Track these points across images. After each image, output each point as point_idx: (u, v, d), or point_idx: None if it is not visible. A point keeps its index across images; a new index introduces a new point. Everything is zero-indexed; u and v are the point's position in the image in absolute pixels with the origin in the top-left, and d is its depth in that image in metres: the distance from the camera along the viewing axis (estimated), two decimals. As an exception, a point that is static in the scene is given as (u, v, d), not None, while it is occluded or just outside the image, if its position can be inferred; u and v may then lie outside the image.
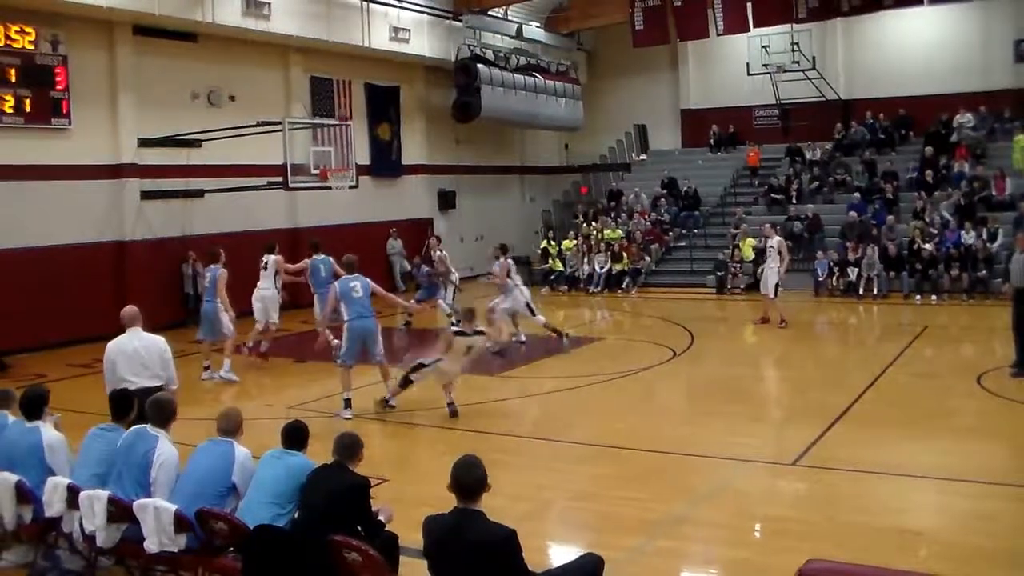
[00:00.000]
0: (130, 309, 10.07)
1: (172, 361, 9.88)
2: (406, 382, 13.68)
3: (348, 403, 13.76)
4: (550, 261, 30.47)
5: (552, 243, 30.98)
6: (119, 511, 7.14)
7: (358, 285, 13.93)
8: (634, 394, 15.37)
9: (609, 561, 6.47)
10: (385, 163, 30.57)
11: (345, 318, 13.87)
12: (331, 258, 18.52)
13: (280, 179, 22.62)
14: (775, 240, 21.45)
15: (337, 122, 26.65)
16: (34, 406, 8.26)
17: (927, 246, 25.15)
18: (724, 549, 8.63)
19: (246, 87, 25.44)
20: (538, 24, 34.63)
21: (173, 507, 6.95)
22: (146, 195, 23.00)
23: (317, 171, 23.18)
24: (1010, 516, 9.09)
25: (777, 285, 21.20)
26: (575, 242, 30.52)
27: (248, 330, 18.61)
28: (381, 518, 7.02)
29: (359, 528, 6.66)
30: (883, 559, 7.38)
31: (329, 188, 23.88)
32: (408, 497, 8.72)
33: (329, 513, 6.58)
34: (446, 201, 33.07)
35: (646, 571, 8.03)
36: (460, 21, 30.90)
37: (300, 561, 6.43)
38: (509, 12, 33.34)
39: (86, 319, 21.15)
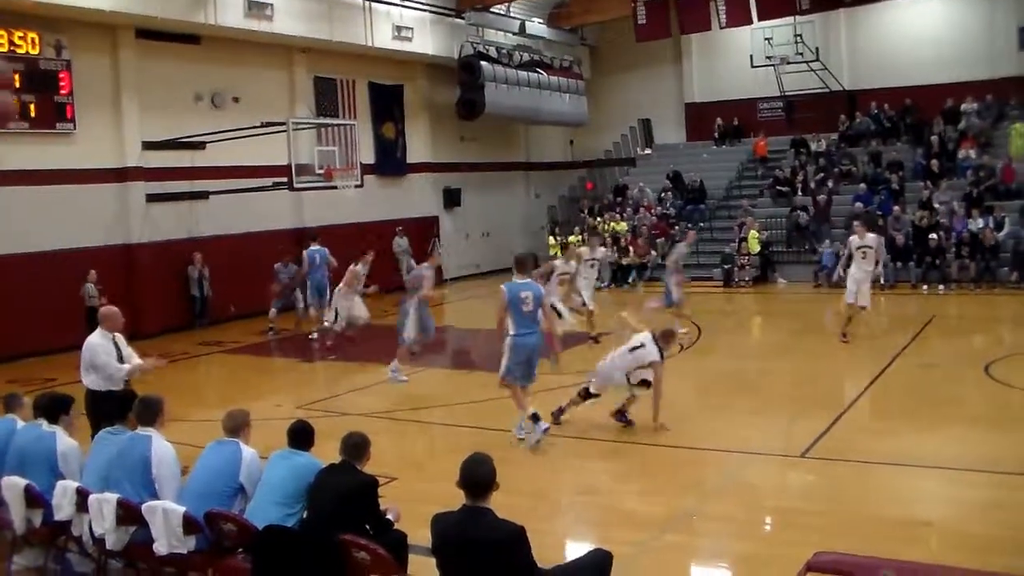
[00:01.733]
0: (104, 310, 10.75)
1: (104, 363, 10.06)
2: (587, 395, 12.71)
3: (536, 417, 11.82)
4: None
5: (558, 239, 30.94)
6: (128, 514, 7.15)
7: (530, 296, 11.80)
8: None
9: (618, 556, 6.48)
10: (390, 162, 30.57)
11: (510, 332, 11.89)
12: (326, 249, 21.70)
13: (285, 180, 22.64)
14: (870, 238, 18.30)
15: (341, 122, 26.67)
16: (53, 411, 8.30)
17: (934, 235, 25.09)
18: (733, 542, 8.64)
19: (250, 88, 25.44)
20: (541, 20, 34.59)
21: (182, 509, 6.97)
22: (151, 198, 23.01)
23: (322, 171, 23.21)
24: (1020, 505, 9.08)
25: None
26: (581, 237, 30.48)
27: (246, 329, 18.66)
28: (389, 517, 7.03)
29: (368, 527, 6.67)
30: (892, 550, 7.35)
31: (334, 188, 23.87)
32: (417, 495, 8.72)
33: (338, 513, 6.59)
34: (451, 199, 33.06)
35: (655, 565, 8.03)
36: (463, 19, 30.87)
37: (309, 561, 6.44)
38: (511, 9, 33.29)
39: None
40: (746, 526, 8.98)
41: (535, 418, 11.74)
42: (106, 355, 10.03)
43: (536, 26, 34.21)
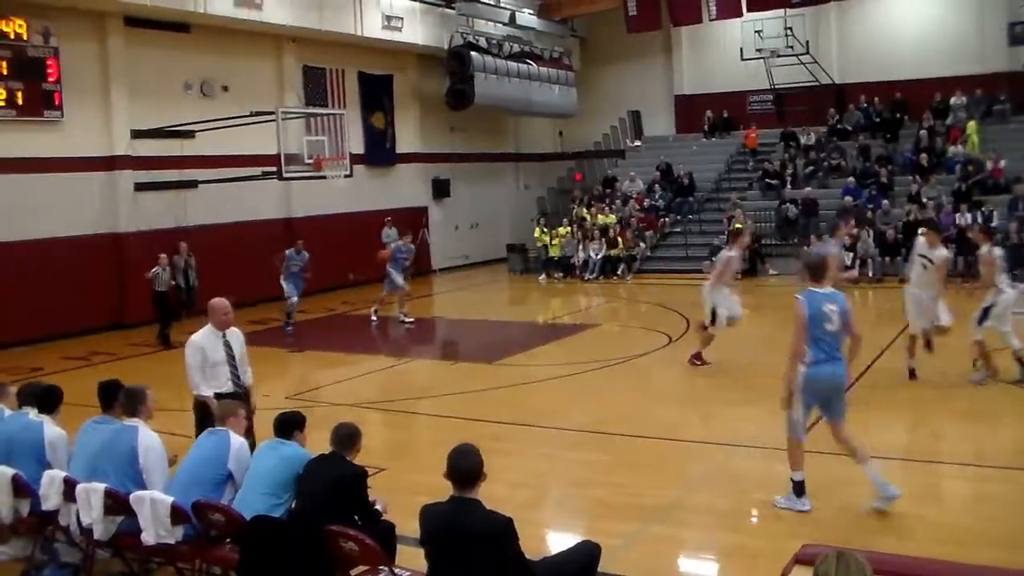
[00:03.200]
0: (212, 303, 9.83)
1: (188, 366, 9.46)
2: None
3: (801, 487, 9.03)
4: (547, 247, 30.39)
5: (546, 230, 30.93)
6: (116, 504, 7.14)
7: (835, 310, 9.05)
8: (630, 380, 15.40)
9: (606, 548, 6.50)
10: (379, 152, 30.53)
11: (807, 360, 9.06)
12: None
13: (274, 169, 22.60)
14: (940, 254, 14.33)
15: (331, 111, 26.61)
16: (44, 401, 8.29)
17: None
18: (720, 534, 8.65)
19: (239, 77, 25.38)
20: (531, 11, 34.55)
21: (170, 499, 6.96)
22: (140, 187, 22.95)
23: (311, 161, 23.15)
24: (1006, 498, 9.11)
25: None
26: (570, 229, 30.49)
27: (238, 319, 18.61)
28: (378, 508, 7.02)
29: (356, 518, 6.67)
30: (880, 543, 7.40)
31: (323, 177, 23.83)
32: (405, 486, 8.73)
33: (326, 503, 6.59)
34: (440, 189, 33.02)
35: (643, 557, 8.04)
36: (453, 9, 30.83)
37: (297, 551, 6.44)
38: (502, 0, 33.29)
39: (81, 312, 21.20)
40: (734, 518, 9.00)
41: (799, 488, 9.05)
42: (194, 360, 9.33)
43: (526, 17, 34.17)
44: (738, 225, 17.40)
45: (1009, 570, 6.28)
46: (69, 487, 7.43)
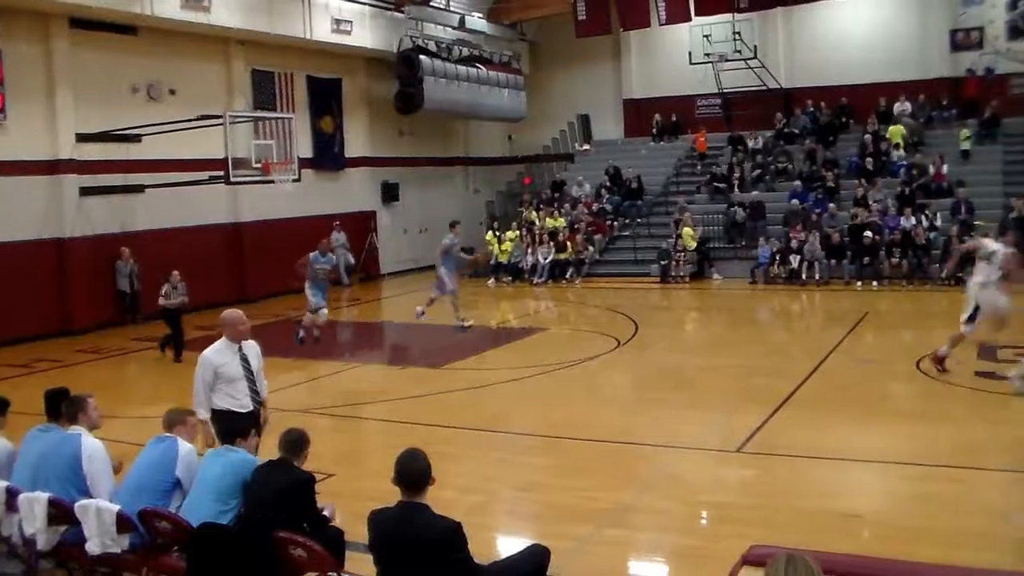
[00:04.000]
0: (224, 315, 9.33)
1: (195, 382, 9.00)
2: None
3: None
4: (495, 252, 30.37)
5: (496, 234, 30.93)
6: (60, 513, 7.05)
7: None
8: (580, 384, 15.41)
9: (556, 551, 6.49)
10: (328, 156, 30.38)
11: None
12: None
13: (222, 173, 22.40)
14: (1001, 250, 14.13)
15: (279, 115, 26.44)
16: None
17: (868, 233, 25.41)
18: (670, 536, 8.69)
19: (187, 81, 25.13)
20: (481, 15, 34.57)
21: (115, 507, 6.88)
22: (85, 191, 22.65)
23: (259, 165, 22.97)
24: (949, 498, 9.22)
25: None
26: (519, 233, 30.51)
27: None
28: (326, 513, 6.99)
29: (305, 524, 6.63)
30: (827, 543, 7.44)
31: (271, 182, 23.64)
32: (354, 492, 8.69)
33: (275, 509, 6.55)
34: (389, 193, 32.89)
35: (593, 560, 8.05)
36: (402, 12, 30.73)
37: (245, 558, 6.38)
38: (451, 3, 33.29)
39: (25, 318, 20.92)
40: (683, 520, 9.05)
41: None
42: (204, 378, 8.84)
43: (476, 21, 34.20)
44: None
45: (953, 567, 6.35)
46: (11, 496, 7.32)
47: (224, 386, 8.80)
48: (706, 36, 32.93)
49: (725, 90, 33.99)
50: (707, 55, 33.18)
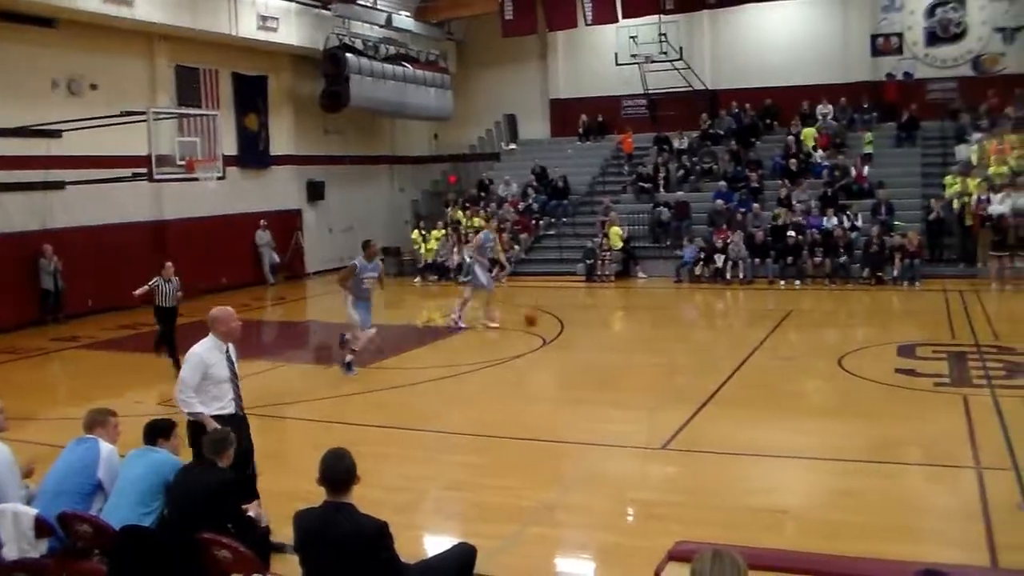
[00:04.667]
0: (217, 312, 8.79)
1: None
2: None
3: None
4: (422, 251, 30.29)
5: (422, 233, 30.83)
6: (-27, 520, 6.88)
7: None
8: (505, 383, 15.43)
9: (482, 550, 6.48)
10: (253, 154, 30.05)
11: None
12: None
13: (145, 170, 22.08)
14: None
15: (204, 112, 26.11)
16: None
17: (791, 233, 25.74)
18: (596, 534, 8.71)
19: (109, 76, 24.65)
20: (408, 13, 34.41)
21: (33, 511, 6.72)
22: (2, 187, 22.17)
23: (183, 162, 22.68)
24: (870, 492, 9.37)
25: None
26: (444, 232, 30.46)
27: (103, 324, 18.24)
28: (251, 514, 6.92)
29: (229, 525, 6.55)
30: (751, 538, 7.51)
31: (196, 179, 23.35)
32: (279, 492, 8.59)
33: (198, 511, 6.45)
34: (315, 192, 32.63)
35: (519, 559, 8.04)
36: (329, 10, 30.52)
37: (169, 561, 6.28)
38: (378, 1, 33.10)
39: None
40: (609, 517, 9.08)
41: None
42: (194, 377, 8.30)
43: (403, 19, 34.04)
44: None
45: (874, 560, 6.44)
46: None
47: (211, 388, 8.36)
48: (632, 37, 33.15)
49: (651, 91, 34.24)
50: (633, 56, 33.40)
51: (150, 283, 16.47)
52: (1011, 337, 17.36)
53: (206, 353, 8.35)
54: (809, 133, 30.55)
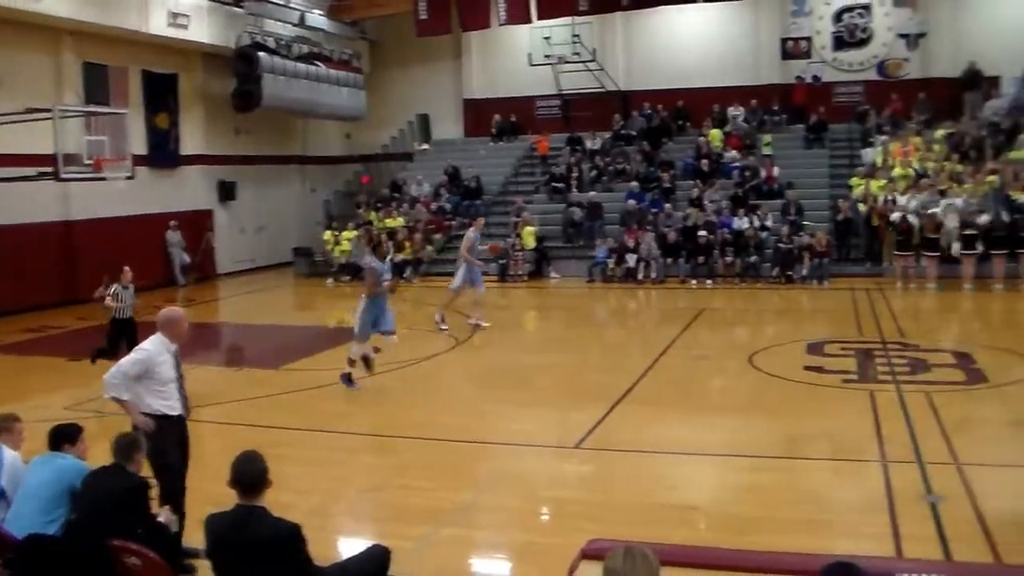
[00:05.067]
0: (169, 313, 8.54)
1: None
2: None
3: None
4: (335, 252, 30.07)
5: (334, 234, 30.62)
6: None
7: None
8: (418, 383, 15.37)
9: (397, 551, 6.47)
10: (163, 153, 29.58)
11: None
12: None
13: (51, 169, 21.59)
14: None
15: (112, 110, 25.64)
16: None
17: (703, 232, 26.05)
18: (511, 533, 8.73)
19: (13, 71, 24.01)
20: (321, 12, 34.13)
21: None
22: (-100, 186, 21.64)
23: (91, 161, 22.23)
24: (779, 487, 9.54)
25: None
26: (357, 232, 30.25)
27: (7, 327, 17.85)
28: (161, 520, 6.81)
29: (139, 531, 6.45)
30: (664, 534, 7.58)
31: (104, 179, 22.87)
32: (190, 496, 8.47)
33: (107, 517, 6.31)
34: (226, 192, 32.24)
35: (433, 559, 8.03)
36: (241, 8, 30.16)
37: (76, 569, 6.16)
38: (291, 0, 32.84)
39: None
40: (523, 517, 9.10)
41: None
42: (135, 370, 8.03)
43: (316, 18, 33.77)
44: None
45: (785, 553, 6.53)
46: None
47: (158, 387, 8.17)
48: (546, 38, 33.31)
49: (564, 91, 34.43)
50: (547, 57, 33.56)
51: (109, 291, 15.40)
52: (915, 334, 17.82)
53: (155, 351, 8.18)
54: (715, 135, 31.03)
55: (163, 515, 6.90)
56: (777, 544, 7.55)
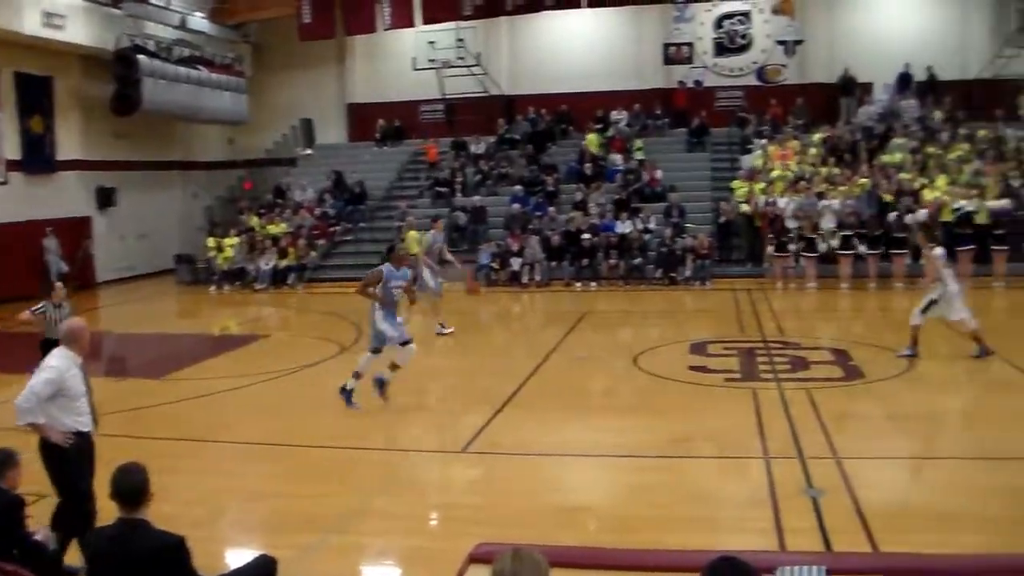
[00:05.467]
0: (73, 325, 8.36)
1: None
2: None
3: None
4: (217, 259, 29.61)
5: (217, 240, 30.17)
6: None
7: None
8: (304, 390, 15.19)
9: (283, 561, 6.42)
10: (38, 158, 28.80)
11: None
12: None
13: (-81, 174, 20.98)
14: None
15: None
16: None
17: (587, 235, 26.29)
18: (398, 539, 8.71)
19: None
20: (202, 15, 33.64)
21: None
22: None
23: (-38, 166, 21.65)
24: (665, 486, 9.69)
25: None
26: (240, 238, 29.87)
27: None
28: (38, 538, 6.64)
29: (14, 550, 6.29)
30: (554, 536, 7.64)
31: (-26, 184, 22.31)
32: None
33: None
34: (105, 198, 31.51)
35: (322, 568, 7.98)
36: (119, 9, 29.53)
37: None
38: (172, 2, 32.24)
39: None
40: (411, 522, 9.08)
41: None
42: (48, 391, 7.72)
43: (198, 21, 33.28)
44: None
45: (672, 551, 6.63)
46: None
47: (67, 402, 7.90)
48: (431, 43, 33.30)
49: (448, 96, 34.43)
50: (431, 61, 33.56)
51: (36, 308, 13.72)
52: (795, 333, 18.24)
53: (64, 367, 7.91)
54: (593, 139, 31.38)
55: (40, 533, 6.73)
56: (665, 542, 7.67)
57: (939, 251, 15.31)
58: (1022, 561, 5.39)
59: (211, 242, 30.29)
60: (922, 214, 23.63)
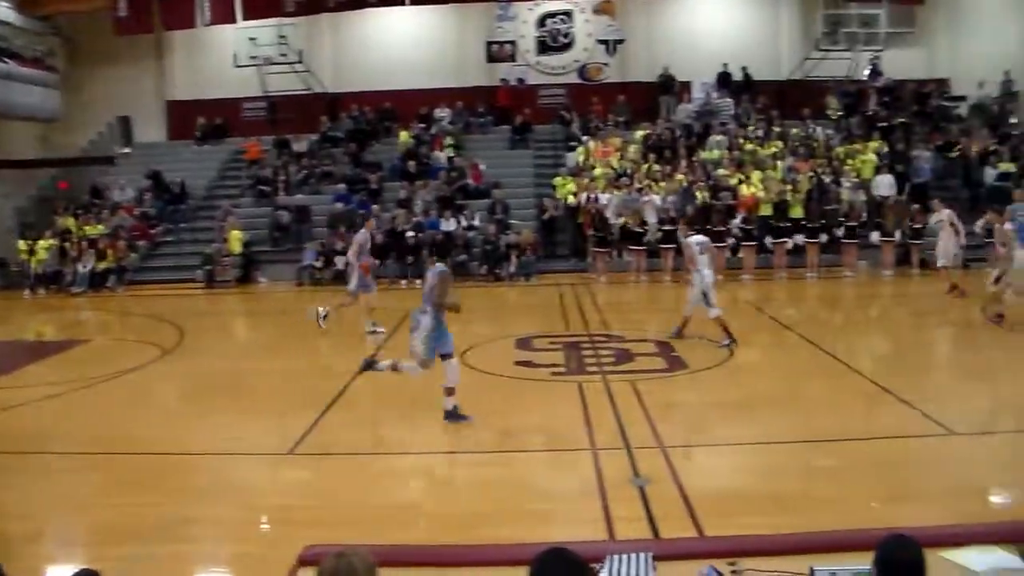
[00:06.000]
0: None
1: None
2: None
3: None
4: (31, 262, 28.48)
5: (29, 243, 29.00)
6: None
7: None
8: (124, 396, 14.78)
9: (106, 573, 6.24)
10: None
11: None
12: None
13: None
14: (945, 213, 21.71)
15: None
16: None
17: (411, 233, 26.32)
18: (227, 545, 8.59)
19: None
20: (8, 5, 32.35)
21: None
22: None
23: None
24: (496, 481, 9.84)
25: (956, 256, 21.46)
26: (54, 241, 28.84)
27: None
28: None
29: None
30: (387, 535, 7.64)
31: None
32: None
33: None
34: (-98, 200, 30.12)
35: (147, 578, 7.81)
36: (-84, 0, 28.24)
37: None
38: (-30, -8, 30.99)
39: None
40: (239, 527, 8.96)
41: None
42: None
43: (3, 11, 31.98)
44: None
45: (504, 545, 6.69)
46: None
47: None
48: (252, 39, 32.76)
49: (270, 93, 33.98)
50: (253, 58, 33.03)
51: None
52: (618, 325, 18.62)
53: None
54: (404, 137, 31.66)
55: None
56: (499, 537, 7.72)
57: (694, 239, 16.02)
58: (842, 535, 5.68)
59: (23, 245, 29.08)
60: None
